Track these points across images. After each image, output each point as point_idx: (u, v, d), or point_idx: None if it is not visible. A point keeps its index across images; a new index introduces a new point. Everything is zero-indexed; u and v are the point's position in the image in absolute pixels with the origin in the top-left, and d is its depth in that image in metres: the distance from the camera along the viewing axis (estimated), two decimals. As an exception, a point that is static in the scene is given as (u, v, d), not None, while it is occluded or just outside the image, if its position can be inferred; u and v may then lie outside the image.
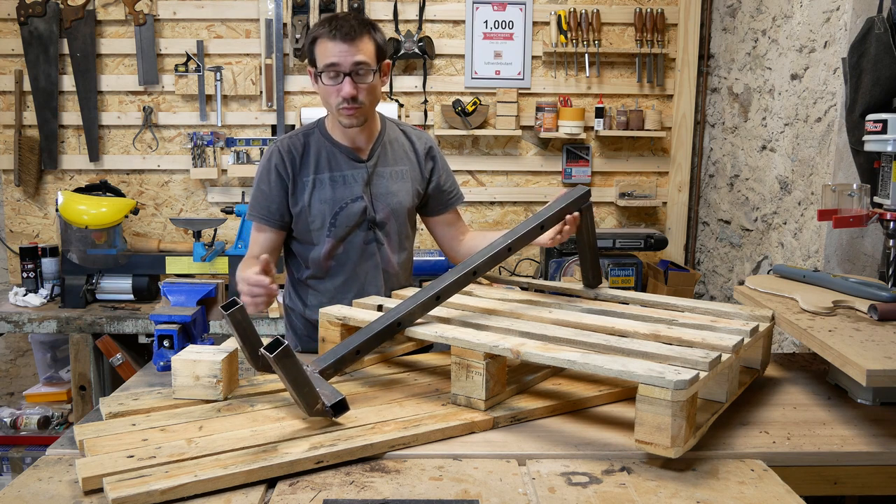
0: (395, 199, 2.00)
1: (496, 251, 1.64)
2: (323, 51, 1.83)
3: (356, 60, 1.82)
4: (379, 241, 2.00)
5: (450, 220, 2.14)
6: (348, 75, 1.82)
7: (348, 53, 1.81)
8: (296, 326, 2.11)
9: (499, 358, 1.45)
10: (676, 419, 1.22)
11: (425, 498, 1.17)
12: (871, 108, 2.02)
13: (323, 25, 1.85)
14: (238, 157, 3.43)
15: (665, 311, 1.72)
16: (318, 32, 1.85)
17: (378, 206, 1.98)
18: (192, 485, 1.15)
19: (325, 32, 1.83)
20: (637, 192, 3.68)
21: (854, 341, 1.47)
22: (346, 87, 1.82)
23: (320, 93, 1.91)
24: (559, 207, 1.72)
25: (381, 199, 1.98)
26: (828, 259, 2.42)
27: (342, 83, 1.83)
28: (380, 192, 1.98)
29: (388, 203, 1.99)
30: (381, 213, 1.98)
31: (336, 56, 1.81)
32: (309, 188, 1.93)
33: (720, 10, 3.47)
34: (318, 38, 1.84)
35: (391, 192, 1.99)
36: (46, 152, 3.48)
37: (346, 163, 1.96)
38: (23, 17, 3.36)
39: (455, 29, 3.56)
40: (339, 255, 1.98)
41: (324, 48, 1.83)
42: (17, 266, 3.50)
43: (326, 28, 1.83)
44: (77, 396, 3.08)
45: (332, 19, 1.85)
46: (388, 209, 1.99)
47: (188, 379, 1.51)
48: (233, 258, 3.20)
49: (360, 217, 1.96)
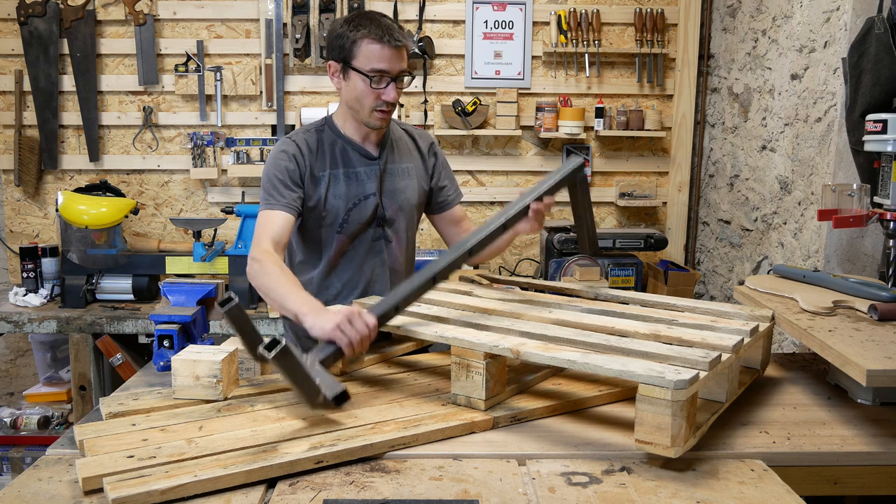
0: (402, 197, 2.01)
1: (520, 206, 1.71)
2: (369, 53, 1.82)
3: (402, 68, 1.86)
4: (387, 239, 2.01)
5: (454, 219, 2.14)
6: (393, 81, 1.85)
7: (397, 60, 1.84)
8: (297, 326, 2.11)
9: (499, 358, 1.45)
10: (676, 419, 1.22)
11: (425, 498, 1.17)
12: (871, 108, 2.02)
13: (365, 25, 1.83)
14: (238, 157, 3.43)
15: (665, 311, 1.72)
16: (362, 32, 1.83)
17: (387, 204, 1.99)
18: (192, 485, 1.15)
19: (373, 35, 1.82)
20: (637, 192, 3.68)
21: (854, 341, 1.47)
22: (392, 92, 1.86)
23: (352, 91, 1.88)
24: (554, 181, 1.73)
25: (390, 197, 2.00)
26: (828, 259, 2.42)
27: (387, 88, 1.85)
28: (389, 190, 1.99)
29: (396, 200, 2.00)
30: (390, 211, 2.00)
31: (387, 62, 1.83)
32: (325, 183, 1.93)
33: (720, 10, 3.47)
34: (364, 38, 1.83)
35: (399, 189, 2.01)
36: (46, 152, 3.48)
37: (359, 160, 1.97)
38: (23, 17, 3.35)
39: (455, 29, 3.56)
40: (349, 252, 1.99)
41: (371, 51, 1.82)
42: (17, 266, 3.50)
43: (373, 30, 1.82)
44: (77, 396, 3.08)
45: (375, 21, 1.84)
46: (397, 206, 2.01)
47: (188, 379, 1.51)
48: (233, 258, 3.20)
49: (371, 214, 1.97)
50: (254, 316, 3.09)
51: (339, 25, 1.88)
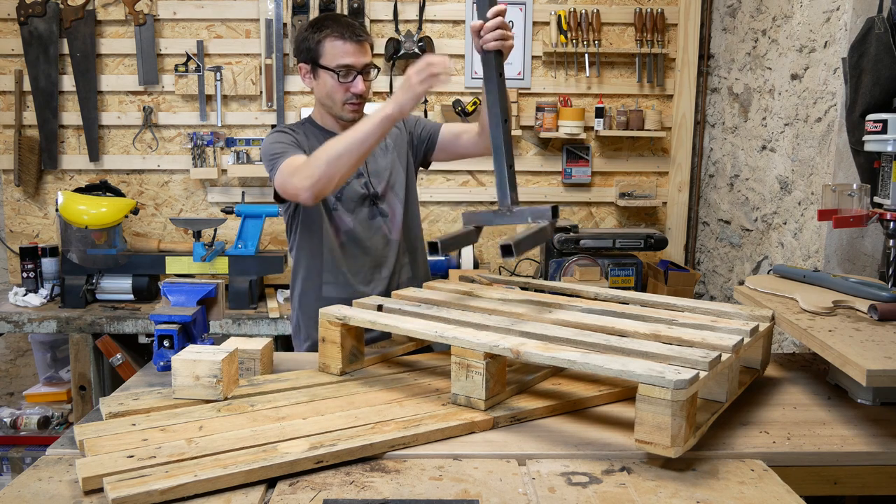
0: (387, 173, 2.10)
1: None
2: (334, 50, 1.94)
3: (367, 61, 1.98)
4: (383, 214, 2.09)
5: (455, 134, 2.14)
6: (360, 74, 1.97)
7: (361, 54, 1.96)
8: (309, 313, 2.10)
9: (499, 358, 1.45)
10: (676, 419, 1.22)
11: (425, 498, 1.17)
12: (871, 108, 2.02)
13: (327, 25, 1.96)
14: (238, 157, 3.43)
15: (665, 311, 1.72)
16: (325, 32, 1.95)
17: (375, 182, 2.08)
18: (191, 485, 1.15)
19: (335, 33, 1.94)
20: (637, 192, 3.68)
21: (854, 341, 1.47)
22: (360, 84, 1.97)
23: (322, 88, 2.00)
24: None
25: (376, 175, 2.09)
26: (828, 259, 2.42)
27: (354, 81, 1.97)
28: (374, 170, 2.09)
29: (382, 178, 2.09)
30: (379, 188, 2.08)
31: (351, 56, 1.95)
32: None
33: (720, 10, 3.47)
34: (327, 38, 1.95)
35: (382, 167, 2.10)
36: (46, 152, 3.48)
37: None
38: (23, 17, 3.36)
39: (455, 29, 3.56)
40: (350, 230, 2.05)
41: (335, 47, 1.94)
42: (17, 266, 3.50)
43: (335, 29, 1.95)
44: (77, 396, 3.08)
45: (336, 20, 1.98)
46: (385, 183, 2.09)
47: (188, 379, 1.51)
48: (233, 258, 3.20)
49: (363, 191, 2.06)
50: (254, 316, 3.10)
51: (303, 29, 2.00)
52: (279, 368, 1.77)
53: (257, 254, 3.24)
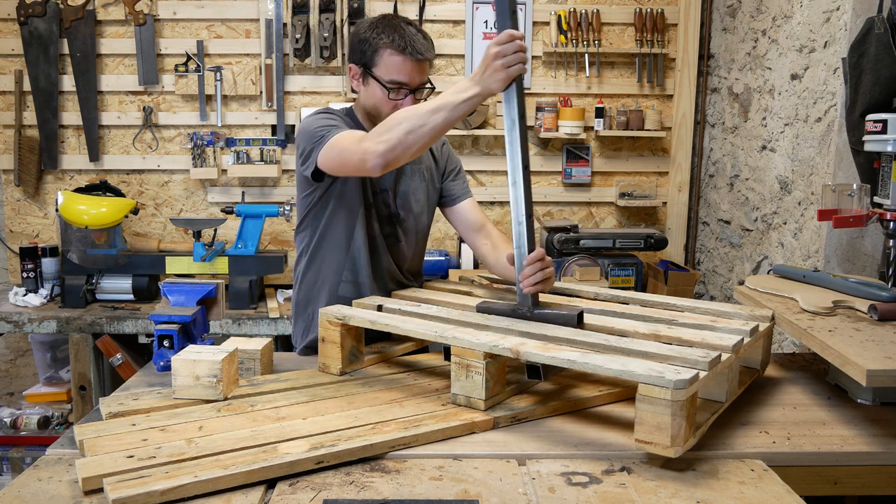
0: (413, 198, 1.99)
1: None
2: (390, 64, 1.80)
3: (422, 81, 1.84)
4: (397, 237, 1.99)
5: (472, 222, 2.06)
6: (412, 93, 1.83)
7: (418, 73, 1.82)
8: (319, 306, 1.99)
9: (499, 358, 1.45)
10: (676, 419, 1.22)
11: (425, 498, 1.17)
12: (871, 108, 2.02)
13: (388, 35, 1.80)
14: (238, 157, 3.43)
15: (665, 310, 1.72)
16: (384, 41, 1.80)
17: (399, 203, 1.98)
18: (192, 485, 1.15)
19: (396, 46, 1.79)
20: (637, 192, 3.68)
21: (854, 341, 1.47)
22: (409, 104, 1.80)
23: (370, 97, 1.86)
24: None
25: (402, 197, 1.98)
26: (828, 259, 2.42)
27: (404, 100, 1.82)
28: (402, 190, 1.98)
29: (406, 200, 1.98)
30: (402, 210, 1.98)
31: (406, 75, 1.80)
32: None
33: (720, 10, 3.47)
34: (386, 48, 1.80)
35: (411, 189, 1.98)
36: (46, 152, 3.48)
37: None
38: (23, 17, 3.35)
39: (455, 29, 3.56)
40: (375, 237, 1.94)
41: (392, 62, 1.80)
42: (17, 266, 3.50)
43: (396, 40, 1.79)
44: (77, 396, 3.08)
45: (399, 30, 1.81)
46: (407, 207, 1.99)
47: (188, 379, 1.51)
48: (233, 258, 3.20)
49: (384, 209, 1.96)
50: (253, 316, 3.10)
51: (363, 29, 1.85)
52: (279, 368, 1.77)
53: (257, 254, 3.24)
